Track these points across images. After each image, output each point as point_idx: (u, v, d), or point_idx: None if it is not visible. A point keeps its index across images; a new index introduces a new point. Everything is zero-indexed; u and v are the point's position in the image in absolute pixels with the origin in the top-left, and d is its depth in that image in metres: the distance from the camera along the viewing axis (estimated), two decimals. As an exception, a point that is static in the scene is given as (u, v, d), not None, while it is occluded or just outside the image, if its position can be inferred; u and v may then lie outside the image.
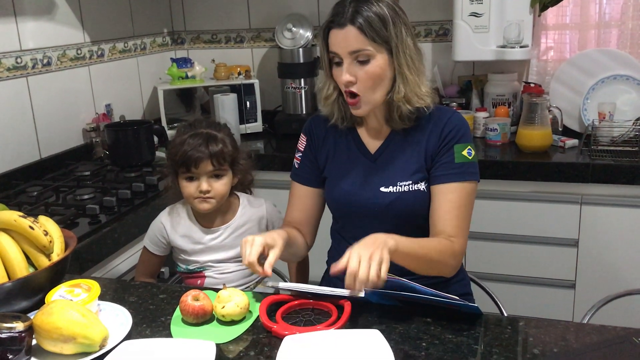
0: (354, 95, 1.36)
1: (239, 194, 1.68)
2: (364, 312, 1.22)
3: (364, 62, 1.33)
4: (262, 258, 1.27)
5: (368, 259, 1.15)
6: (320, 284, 1.62)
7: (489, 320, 1.18)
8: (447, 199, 1.39)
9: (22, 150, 2.18)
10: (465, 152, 1.41)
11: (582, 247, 2.23)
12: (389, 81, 1.37)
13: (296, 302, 1.26)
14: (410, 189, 1.42)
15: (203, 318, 1.21)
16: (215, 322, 1.23)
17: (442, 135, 1.41)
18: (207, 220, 1.63)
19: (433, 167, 1.42)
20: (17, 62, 2.16)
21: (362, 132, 1.49)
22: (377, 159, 1.46)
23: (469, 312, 1.19)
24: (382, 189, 1.43)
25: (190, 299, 1.22)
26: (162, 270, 1.85)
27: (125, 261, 1.89)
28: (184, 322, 1.22)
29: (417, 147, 1.43)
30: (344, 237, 1.54)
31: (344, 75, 1.34)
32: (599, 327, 1.13)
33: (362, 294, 1.22)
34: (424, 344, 1.11)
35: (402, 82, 1.36)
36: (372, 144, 1.48)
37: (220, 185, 1.56)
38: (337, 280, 1.54)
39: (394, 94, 1.37)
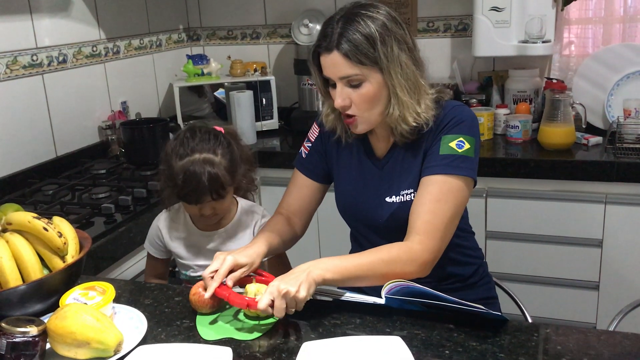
0: (350, 115, 1.31)
1: (237, 198, 1.64)
2: (384, 317, 1.19)
3: (357, 86, 1.27)
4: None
5: (281, 297, 1.12)
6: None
7: (515, 327, 1.13)
8: (426, 191, 1.28)
9: (38, 148, 2.18)
10: (453, 144, 1.29)
11: (606, 248, 2.17)
12: (386, 99, 1.29)
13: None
14: (412, 198, 1.33)
15: (219, 305, 1.22)
16: (242, 315, 1.21)
17: (438, 130, 1.32)
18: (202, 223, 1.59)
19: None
20: (32, 60, 2.15)
21: (371, 136, 1.43)
22: (384, 167, 1.40)
23: (493, 318, 1.15)
24: (387, 199, 1.37)
25: (203, 290, 1.22)
26: (177, 269, 1.82)
27: (140, 261, 1.87)
28: (202, 315, 1.22)
29: (419, 151, 1.35)
30: (358, 241, 1.52)
31: (337, 100, 1.29)
32: (631, 336, 1.08)
33: (381, 300, 1.19)
34: (447, 352, 1.07)
35: (396, 104, 1.28)
36: (380, 150, 1.42)
37: (222, 205, 1.50)
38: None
39: (388, 116, 1.30)
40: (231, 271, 1.24)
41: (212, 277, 1.21)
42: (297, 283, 1.13)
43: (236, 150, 1.53)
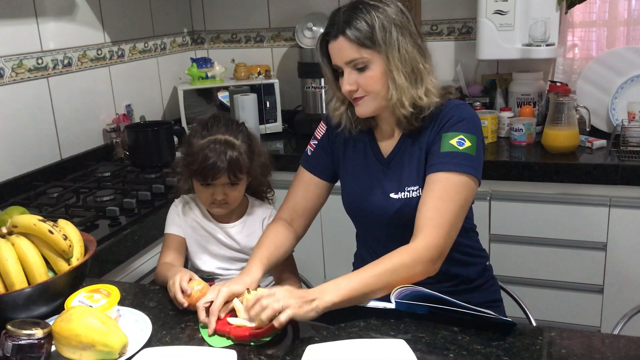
0: (357, 97, 1.35)
1: (247, 196, 1.65)
2: (389, 321, 1.19)
3: (363, 69, 1.31)
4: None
5: (272, 302, 1.13)
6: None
7: (519, 330, 1.13)
8: (429, 189, 1.29)
9: (42, 151, 2.18)
10: (454, 142, 1.30)
11: (611, 251, 2.17)
12: (388, 83, 1.32)
13: None
14: (418, 195, 1.34)
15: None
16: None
17: (438, 128, 1.34)
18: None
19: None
20: (38, 63, 2.16)
21: (377, 134, 1.45)
22: (390, 163, 1.41)
23: (502, 323, 1.14)
24: (392, 195, 1.38)
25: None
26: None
27: (145, 264, 1.88)
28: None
29: (421, 146, 1.37)
30: (364, 241, 1.52)
31: (344, 85, 1.33)
32: (636, 340, 1.08)
33: (391, 305, 1.19)
34: (451, 355, 1.07)
35: (394, 88, 1.31)
36: (386, 147, 1.43)
37: (236, 192, 1.53)
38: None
39: (386, 100, 1.33)
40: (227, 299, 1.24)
41: (206, 306, 1.22)
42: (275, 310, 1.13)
43: (254, 143, 1.58)
